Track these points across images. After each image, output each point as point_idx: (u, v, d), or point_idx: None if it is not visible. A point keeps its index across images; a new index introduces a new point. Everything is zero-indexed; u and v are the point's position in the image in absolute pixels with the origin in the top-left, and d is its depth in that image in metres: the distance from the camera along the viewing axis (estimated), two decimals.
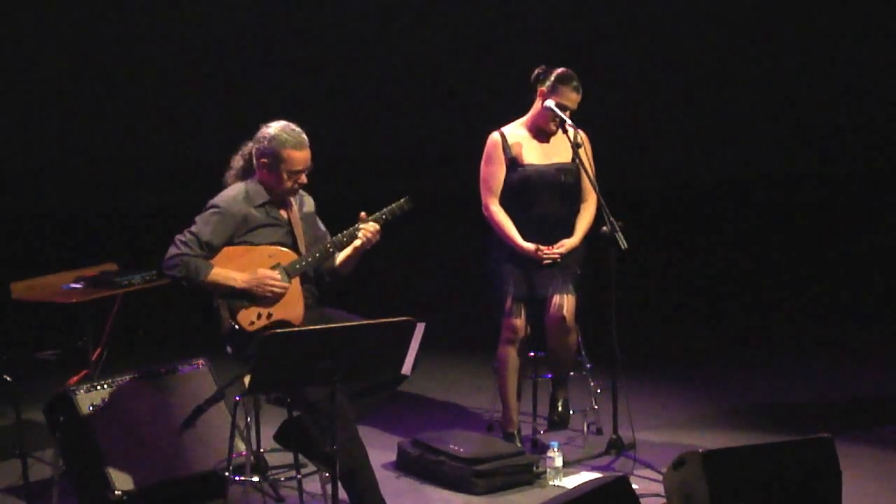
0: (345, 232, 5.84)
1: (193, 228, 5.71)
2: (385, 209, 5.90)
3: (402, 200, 5.93)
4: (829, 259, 10.96)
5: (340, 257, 5.94)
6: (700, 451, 5.21)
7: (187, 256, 5.64)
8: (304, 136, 5.79)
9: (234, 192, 5.82)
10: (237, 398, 5.72)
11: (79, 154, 12.24)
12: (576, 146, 6.49)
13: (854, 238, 11.49)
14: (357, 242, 5.83)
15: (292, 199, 5.90)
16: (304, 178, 5.81)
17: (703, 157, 13.13)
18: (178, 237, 5.70)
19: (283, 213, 5.86)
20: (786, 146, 13.20)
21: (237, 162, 5.93)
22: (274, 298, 5.70)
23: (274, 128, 5.79)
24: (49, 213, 11.89)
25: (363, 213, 5.84)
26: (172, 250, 5.68)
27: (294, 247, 5.84)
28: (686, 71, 13.25)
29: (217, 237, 5.71)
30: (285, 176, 5.75)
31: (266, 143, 5.76)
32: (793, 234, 11.73)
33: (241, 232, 5.75)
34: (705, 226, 12.10)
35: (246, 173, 5.89)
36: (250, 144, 5.86)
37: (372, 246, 5.85)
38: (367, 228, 5.80)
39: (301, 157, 5.76)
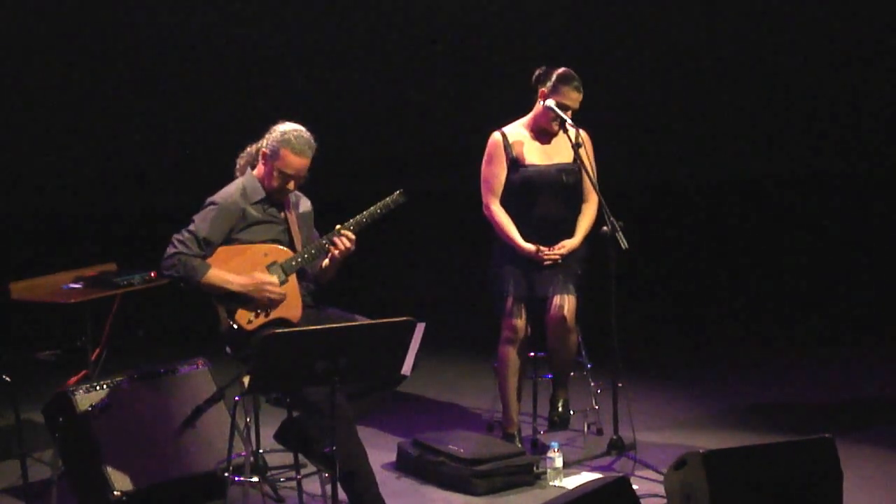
0: (331, 232, 5.85)
1: (191, 227, 5.71)
2: (378, 204, 5.90)
3: (395, 194, 5.94)
4: (830, 259, 10.95)
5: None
6: (700, 451, 5.21)
7: (185, 256, 5.64)
8: (311, 147, 5.78)
9: (231, 189, 5.83)
10: (237, 398, 5.71)
11: (79, 154, 12.24)
12: (576, 146, 6.48)
13: (854, 238, 11.49)
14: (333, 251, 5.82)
15: (289, 198, 5.90)
16: (292, 185, 5.80)
17: (705, 156, 13.12)
18: (176, 236, 5.70)
19: (279, 210, 5.86)
20: (788, 146, 13.18)
21: (246, 157, 5.94)
22: (270, 304, 5.69)
23: (287, 126, 5.82)
24: (49, 213, 11.88)
25: (338, 226, 5.83)
26: (170, 249, 5.68)
27: (290, 244, 5.84)
28: (687, 71, 13.24)
29: (215, 233, 5.71)
30: (275, 174, 5.76)
31: (273, 136, 5.79)
32: (793, 234, 11.73)
33: (238, 228, 5.76)
34: (706, 225, 12.10)
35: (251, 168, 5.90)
36: (262, 140, 5.87)
37: (346, 256, 5.83)
38: (340, 238, 5.78)
39: (296, 162, 5.75)
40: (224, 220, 5.73)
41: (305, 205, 6.02)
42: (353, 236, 5.81)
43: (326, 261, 5.90)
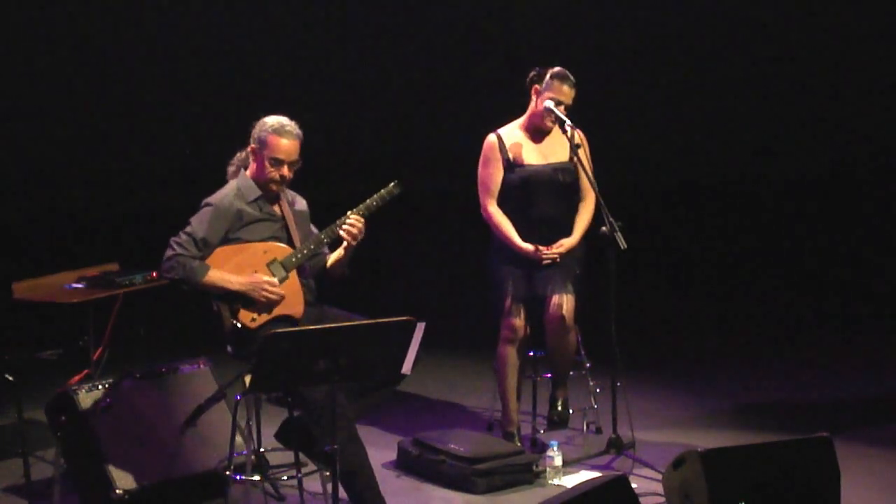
0: (337, 222, 5.85)
1: (188, 228, 5.72)
2: (374, 196, 5.91)
3: (391, 185, 5.94)
4: (831, 259, 10.97)
5: (331, 259, 5.96)
6: (699, 450, 5.23)
7: (183, 257, 5.65)
8: (296, 129, 5.81)
9: (226, 190, 5.86)
10: (238, 397, 5.73)
11: (81, 154, 12.25)
12: (575, 147, 6.50)
13: (855, 238, 11.50)
14: (345, 242, 5.85)
15: (283, 195, 5.91)
16: (286, 171, 5.80)
17: (706, 156, 13.13)
18: (174, 239, 5.71)
19: (275, 207, 5.88)
20: (789, 146, 13.19)
21: (236, 161, 5.98)
22: (269, 304, 5.70)
23: (268, 118, 5.86)
24: (51, 213, 11.90)
25: (350, 212, 5.85)
26: (169, 252, 5.69)
27: (289, 241, 5.86)
28: (686, 71, 13.26)
29: (213, 234, 5.72)
30: (268, 164, 5.78)
31: (257, 129, 5.83)
32: (793, 235, 11.74)
33: (235, 227, 5.77)
34: (706, 225, 12.11)
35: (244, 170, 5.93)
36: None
37: (359, 242, 5.85)
38: (351, 223, 5.80)
39: (284, 145, 5.77)
40: (221, 220, 5.74)
41: (301, 203, 6.04)
42: (362, 221, 5.82)
43: (340, 252, 5.91)
